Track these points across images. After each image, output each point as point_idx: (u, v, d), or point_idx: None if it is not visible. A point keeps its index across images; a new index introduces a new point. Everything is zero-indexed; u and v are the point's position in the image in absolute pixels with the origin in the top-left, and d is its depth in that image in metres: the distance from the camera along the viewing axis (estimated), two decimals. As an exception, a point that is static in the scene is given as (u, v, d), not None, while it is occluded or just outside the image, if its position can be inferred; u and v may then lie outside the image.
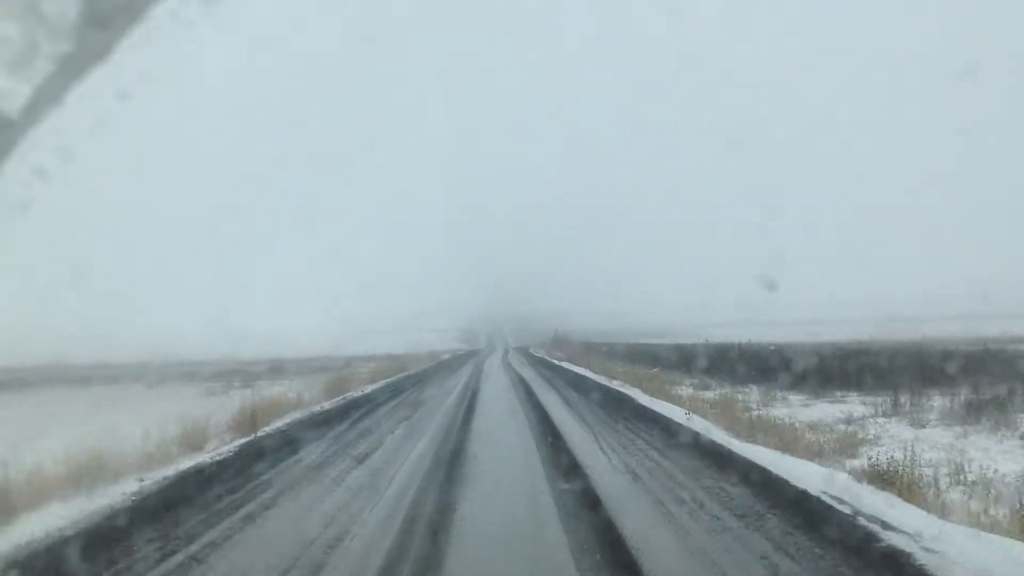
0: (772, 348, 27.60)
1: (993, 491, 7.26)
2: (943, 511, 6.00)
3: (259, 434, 10.98)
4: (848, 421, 13.19)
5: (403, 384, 25.07)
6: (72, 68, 3.61)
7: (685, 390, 19.24)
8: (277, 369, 35.87)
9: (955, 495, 7.18)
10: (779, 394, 18.40)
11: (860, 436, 11.45)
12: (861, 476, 7.31)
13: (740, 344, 31.54)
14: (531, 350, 74.10)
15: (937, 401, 15.38)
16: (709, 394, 18.28)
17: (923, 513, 5.70)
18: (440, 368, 40.15)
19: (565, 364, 35.94)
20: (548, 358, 47.96)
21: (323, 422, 13.51)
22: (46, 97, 3.64)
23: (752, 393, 18.82)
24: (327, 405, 16.39)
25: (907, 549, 4.73)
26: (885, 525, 5.25)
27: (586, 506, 6.69)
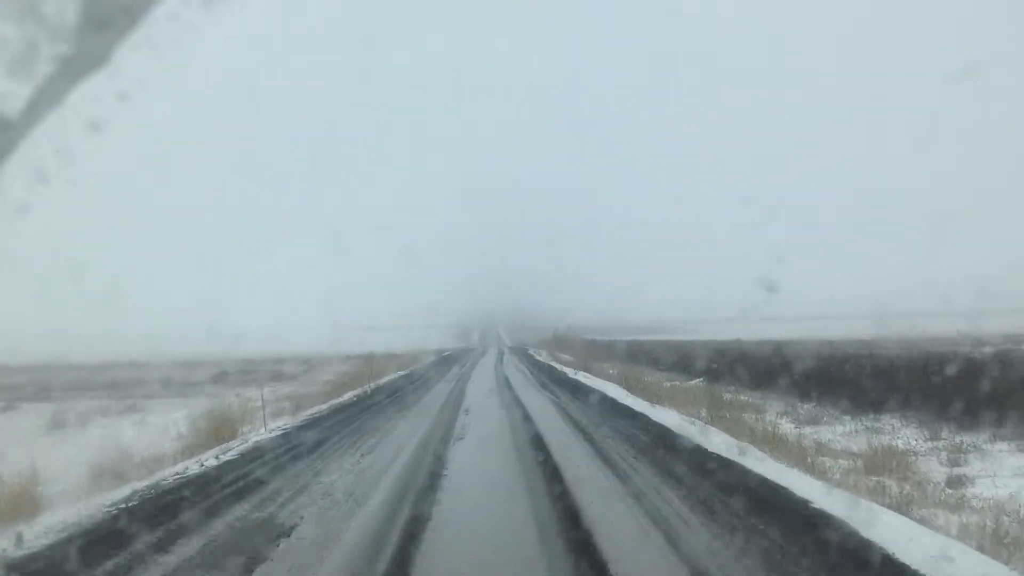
0: (858, 350, 18.67)
1: None
2: None
3: None
4: None
5: (334, 422, 15.34)
6: (72, 70, 3.63)
7: (784, 425, 12.85)
8: (221, 377, 32.17)
9: None
10: (962, 440, 10.73)
11: None
12: None
13: (799, 342, 24.84)
14: (530, 351, 63.36)
15: None
16: (828, 434, 11.82)
17: None
18: (412, 378, 29.75)
19: (582, 377, 25.27)
20: (555, 364, 35.65)
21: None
22: (46, 99, 3.66)
23: (902, 434, 11.66)
24: (136, 491, 8.50)
25: None
26: None
27: None
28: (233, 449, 11.76)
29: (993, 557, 5.10)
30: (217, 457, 11.02)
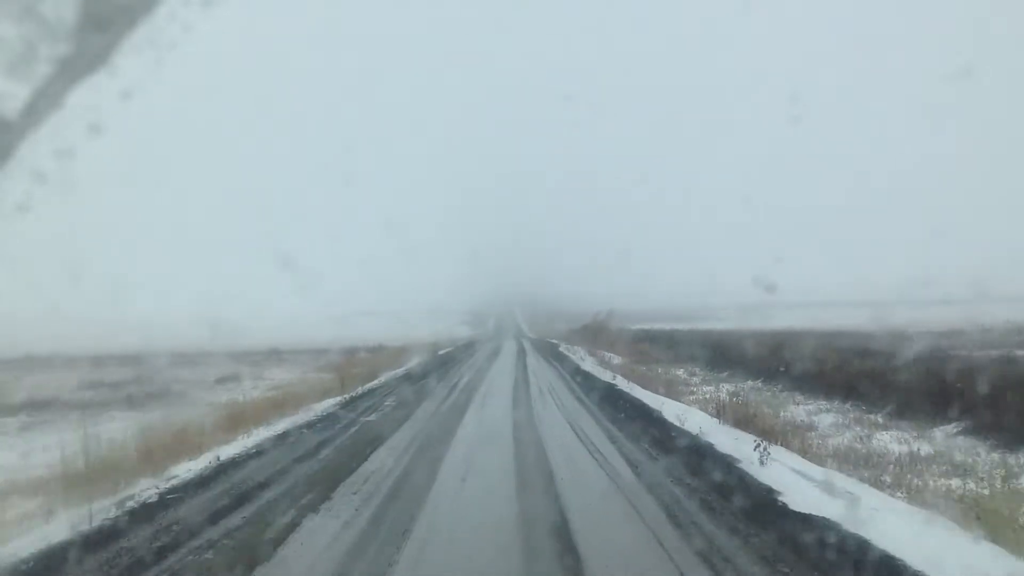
0: None
1: None
2: None
3: None
4: None
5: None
6: (71, 70, 3.76)
7: None
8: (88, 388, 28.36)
9: None
10: None
11: None
12: None
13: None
14: (561, 348, 47.34)
15: None
16: None
17: None
18: (328, 432, 14.19)
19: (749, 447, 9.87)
20: (643, 398, 17.93)
21: None
22: (45, 99, 3.79)
23: None
24: None
25: None
26: None
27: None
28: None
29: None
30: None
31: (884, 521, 6.94)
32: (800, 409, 16.94)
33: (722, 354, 28.26)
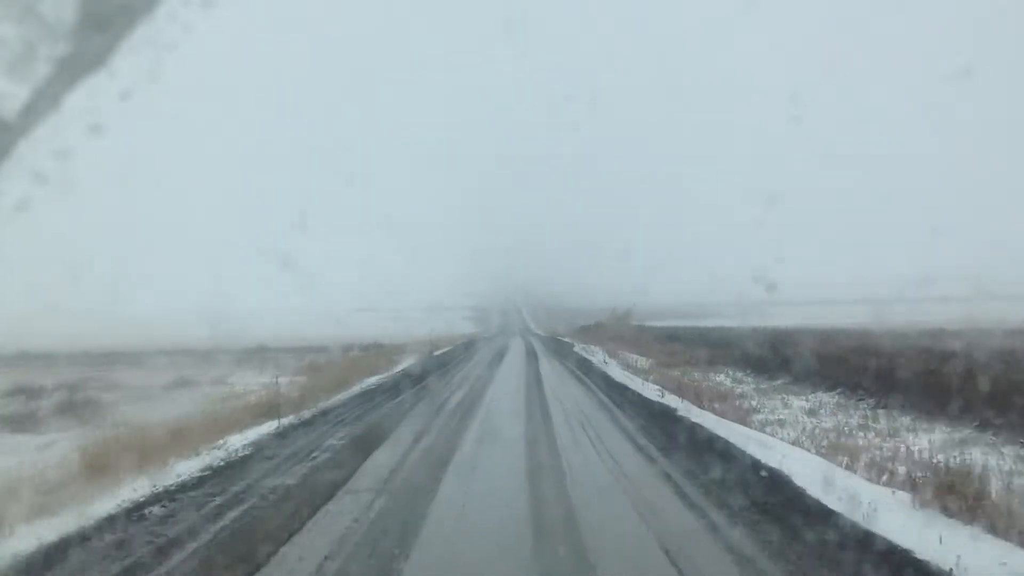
0: None
1: None
2: None
3: None
4: None
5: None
6: (70, 70, 3.79)
7: None
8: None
9: None
10: None
11: None
12: None
13: None
14: (577, 348, 41.13)
15: None
16: None
17: None
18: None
19: None
20: (736, 439, 10.16)
21: None
22: (44, 99, 3.83)
23: None
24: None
25: None
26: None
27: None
28: None
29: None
30: None
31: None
32: (922, 439, 11.56)
33: (760, 355, 23.41)
